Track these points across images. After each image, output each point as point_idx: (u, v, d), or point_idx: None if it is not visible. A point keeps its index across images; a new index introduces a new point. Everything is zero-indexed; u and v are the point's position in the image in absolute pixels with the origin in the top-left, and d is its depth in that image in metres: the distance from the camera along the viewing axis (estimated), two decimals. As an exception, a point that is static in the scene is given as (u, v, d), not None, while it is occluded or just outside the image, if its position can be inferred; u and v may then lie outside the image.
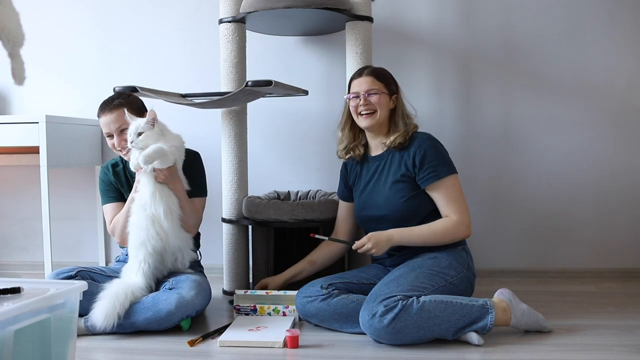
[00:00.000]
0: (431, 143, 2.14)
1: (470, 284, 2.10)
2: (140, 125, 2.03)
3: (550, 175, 2.90)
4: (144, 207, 2.08)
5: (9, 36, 1.58)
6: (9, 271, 3.22)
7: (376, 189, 2.18)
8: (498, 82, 2.91)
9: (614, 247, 2.89)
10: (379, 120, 2.17)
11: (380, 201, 2.15)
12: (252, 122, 2.70)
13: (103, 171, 2.33)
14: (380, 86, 2.18)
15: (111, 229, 2.27)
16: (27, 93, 3.19)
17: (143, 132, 2.02)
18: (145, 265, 2.09)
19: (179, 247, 2.17)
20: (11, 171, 3.25)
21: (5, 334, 1.27)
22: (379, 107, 2.16)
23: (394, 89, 2.21)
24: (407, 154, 2.13)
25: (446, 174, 2.09)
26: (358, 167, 2.29)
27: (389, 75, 2.24)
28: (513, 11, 2.90)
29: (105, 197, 2.31)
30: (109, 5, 3.13)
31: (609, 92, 2.87)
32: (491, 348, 1.85)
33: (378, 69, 2.24)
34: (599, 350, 1.83)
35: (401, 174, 2.12)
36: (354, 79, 2.23)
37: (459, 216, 2.07)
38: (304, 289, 2.10)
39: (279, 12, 2.39)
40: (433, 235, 2.07)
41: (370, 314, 1.85)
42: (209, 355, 1.87)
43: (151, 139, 2.03)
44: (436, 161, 2.10)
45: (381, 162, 2.20)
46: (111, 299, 1.97)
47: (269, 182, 2.93)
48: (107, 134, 2.23)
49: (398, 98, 2.21)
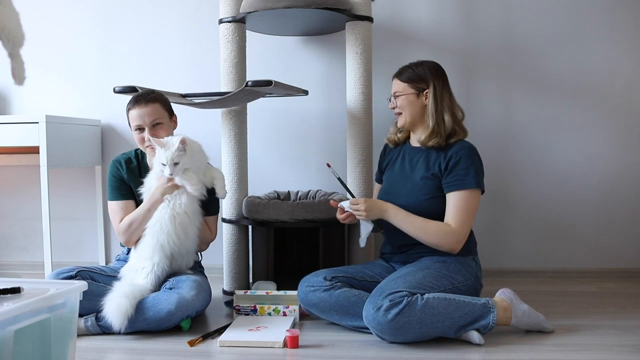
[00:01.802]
0: (469, 152, 2.10)
1: (476, 293, 2.09)
2: (175, 155, 2.07)
3: (550, 175, 2.90)
4: (172, 209, 2.13)
5: (9, 36, 1.58)
6: (9, 271, 3.22)
7: (405, 180, 2.18)
8: (498, 82, 2.91)
9: (614, 247, 2.89)
10: (407, 120, 2.18)
11: (404, 192, 2.15)
12: (252, 122, 2.70)
13: (115, 166, 2.30)
14: (403, 87, 2.17)
15: (124, 227, 2.20)
16: (27, 93, 3.19)
17: (179, 161, 2.08)
18: (158, 269, 2.12)
19: (190, 252, 2.24)
20: (11, 171, 3.25)
21: (5, 334, 1.27)
22: (402, 109, 2.17)
23: (423, 86, 2.16)
24: (443, 155, 2.11)
25: (470, 186, 2.05)
26: (396, 153, 2.29)
27: (421, 72, 2.17)
28: (513, 11, 2.90)
29: (116, 193, 2.27)
30: (109, 5, 3.13)
31: (609, 92, 2.87)
32: (492, 348, 1.85)
33: (407, 68, 2.20)
34: (599, 350, 1.83)
35: (432, 173, 2.11)
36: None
37: (458, 227, 2.04)
38: (307, 279, 2.11)
39: (279, 12, 2.39)
40: (423, 231, 2.05)
41: (375, 307, 1.85)
42: (209, 355, 1.87)
43: (187, 164, 2.11)
44: (466, 171, 2.06)
45: (417, 155, 2.19)
46: (127, 299, 1.98)
47: (269, 182, 2.93)
48: (137, 127, 2.20)
49: (429, 95, 2.15)
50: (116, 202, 2.27)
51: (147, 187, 2.20)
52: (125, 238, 2.21)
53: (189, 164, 2.11)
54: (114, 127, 3.14)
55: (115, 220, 2.27)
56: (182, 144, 2.07)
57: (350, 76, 2.52)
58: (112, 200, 2.28)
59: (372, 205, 2.08)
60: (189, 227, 2.17)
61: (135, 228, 2.18)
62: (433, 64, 2.20)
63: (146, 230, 2.15)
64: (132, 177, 2.28)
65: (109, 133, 3.14)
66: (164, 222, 2.12)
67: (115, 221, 2.26)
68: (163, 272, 2.14)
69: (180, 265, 2.23)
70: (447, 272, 2.02)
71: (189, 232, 2.17)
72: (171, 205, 2.14)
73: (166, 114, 2.24)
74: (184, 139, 2.08)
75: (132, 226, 2.18)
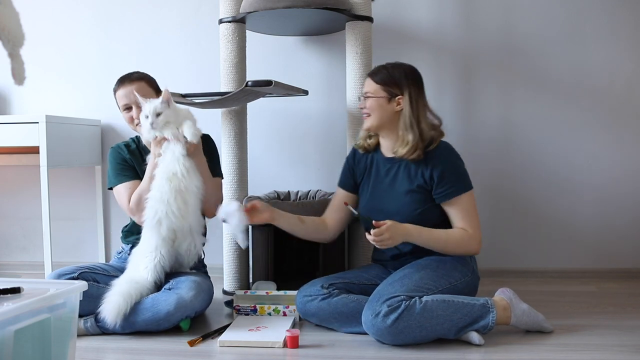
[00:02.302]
0: (451, 159, 2.07)
1: (475, 287, 2.09)
2: (157, 106, 2.05)
3: (550, 175, 2.90)
4: (169, 179, 2.06)
5: (9, 36, 1.58)
6: (9, 271, 3.22)
7: (388, 195, 2.12)
8: (498, 82, 2.91)
9: (614, 247, 2.89)
10: (374, 124, 2.09)
11: (391, 209, 2.08)
12: (252, 122, 2.70)
13: (116, 151, 2.27)
14: (375, 89, 2.07)
15: (134, 203, 2.14)
16: (27, 93, 3.19)
17: (161, 112, 2.05)
18: (157, 259, 2.07)
19: (194, 228, 2.14)
20: (11, 171, 3.25)
21: (5, 334, 1.26)
22: (371, 111, 2.08)
23: (396, 91, 2.06)
24: (424, 164, 2.05)
25: (463, 190, 2.04)
26: (368, 160, 2.20)
27: (397, 75, 2.06)
28: (513, 11, 2.89)
29: (121, 176, 2.22)
30: (109, 5, 3.13)
31: (609, 92, 2.87)
32: (491, 348, 1.85)
33: (382, 68, 2.11)
34: (599, 350, 1.83)
35: (417, 185, 2.06)
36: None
37: (475, 231, 2.03)
38: (304, 289, 2.09)
39: (279, 12, 2.39)
40: (448, 243, 2.02)
41: (374, 313, 1.85)
42: (209, 355, 1.87)
43: (170, 117, 2.07)
44: (454, 177, 2.04)
45: (394, 166, 2.12)
46: (123, 296, 1.97)
47: (269, 182, 2.93)
48: (124, 106, 2.21)
49: (404, 102, 2.05)
50: (122, 184, 2.21)
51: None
52: (139, 215, 2.12)
53: (172, 117, 2.07)
54: (114, 127, 3.14)
55: (124, 202, 2.19)
56: (165, 97, 2.05)
57: (350, 76, 2.52)
58: (117, 184, 2.22)
59: (395, 231, 1.95)
60: (188, 195, 2.08)
61: (143, 197, 2.12)
62: (410, 68, 2.10)
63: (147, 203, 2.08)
64: (134, 158, 2.26)
65: (109, 133, 3.14)
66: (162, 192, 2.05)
67: (125, 203, 2.19)
68: (165, 260, 2.09)
69: (187, 245, 2.14)
70: (444, 271, 2.01)
71: (188, 201, 2.08)
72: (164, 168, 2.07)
73: (152, 91, 2.24)
74: (168, 91, 2.06)
75: (142, 199, 2.11)
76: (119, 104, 2.26)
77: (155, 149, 2.11)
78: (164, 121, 2.06)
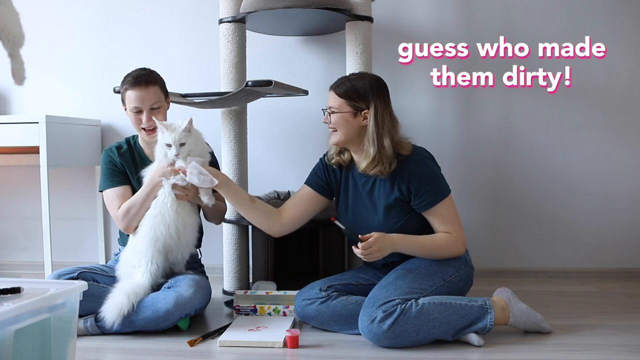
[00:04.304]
0: (425, 166, 2.02)
1: (470, 278, 2.08)
2: (182, 135, 2.02)
3: (550, 175, 2.90)
4: (163, 215, 2.07)
5: (9, 36, 1.58)
6: (9, 271, 3.22)
7: (367, 211, 2.08)
8: (498, 81, 2.90)
9: (614, 247, 2.89)
10: (341, 139, 2.03)
11: (374, 224, 2.04)
12: (252, 122, 2.70)
13: (107, 154, 2.24)
14: (339, 104, 2.01)
15: (122, 212, 2.12)
16: (27, 93, 3.19)
17: (185, 142, 2.03)
18: (153, 267, 2.08)
19: (190, 242, 2.17)
20: (11, 171, 3.25)
21: (5, 334, 1.27)
22: (337, 127, 2.02)
23: (361, 105, 1.99)
24: (399, 176, 2.00)
25: (442, 198, 2.00)
26: (339, 172, 2.16)
27: (361, 88, 2.00)
28: (513, 11, 2.89)
29: (110, 180, 2.19)
30: (109, 5, 3.13)
31: (609, 92, 2.87)
32: (491, 348, 1.85)
33: (345, 81, 2.04)
34: (599, 350, 1.83)
35: (394, 198, 2.01)
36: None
37: (458, 233, 2.02)
38: (302, 292, 2.09)
39: (279, 12, 2.39)
40: (435, 248, 2.01)
41: (369, 319, 1.84)
42: (209, 355, 1.87)
43: (192, 146, 2.06)
44: (432, 185, 2.00)
45: (369, 180, 2.06)
46: (127, 296, 1.98)
47: (269, 182, 2.93)
48: (134, 109, 2.15)
49: (370, 116, 1.99)
50: (112, 189, 2.18)
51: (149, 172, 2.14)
52: (125, 224, 2.13)
53: (194, 145, 2.07)
54: (114, 127, 3.14)
55: (112, 208, 2.17)
56: (189, 124, 2.03)
57: (350, 76, 2.52)
58: (107, 188, 2.20)
59: (383, 243, 1.92)
60: (188, 219, 2.11)
61: (134, 213, 2.11)
62: (374, 79, 2.05)
63: (144, 219, 2.10)
64: (125, 161, 2.22)
65: (109, 133, 3.14)
66: (165, 212, 2.07)
67: (113, 209, 2.16)
68: (160, 268, 2.11)
69: (176, 257, 2.16)
70: (437, 267, 2.00)
71: (187, 224, 2.11)
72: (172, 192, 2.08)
73: (163, 96, 2.22)
74: (191, 119, 2.05)
75: (130, 211, 2.11)
76: (126, 104, 2.19)
77: (164, 173, 2.08)
78: (187, 150, 2.05)
